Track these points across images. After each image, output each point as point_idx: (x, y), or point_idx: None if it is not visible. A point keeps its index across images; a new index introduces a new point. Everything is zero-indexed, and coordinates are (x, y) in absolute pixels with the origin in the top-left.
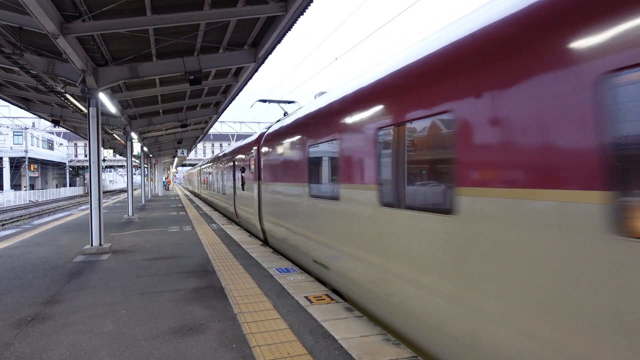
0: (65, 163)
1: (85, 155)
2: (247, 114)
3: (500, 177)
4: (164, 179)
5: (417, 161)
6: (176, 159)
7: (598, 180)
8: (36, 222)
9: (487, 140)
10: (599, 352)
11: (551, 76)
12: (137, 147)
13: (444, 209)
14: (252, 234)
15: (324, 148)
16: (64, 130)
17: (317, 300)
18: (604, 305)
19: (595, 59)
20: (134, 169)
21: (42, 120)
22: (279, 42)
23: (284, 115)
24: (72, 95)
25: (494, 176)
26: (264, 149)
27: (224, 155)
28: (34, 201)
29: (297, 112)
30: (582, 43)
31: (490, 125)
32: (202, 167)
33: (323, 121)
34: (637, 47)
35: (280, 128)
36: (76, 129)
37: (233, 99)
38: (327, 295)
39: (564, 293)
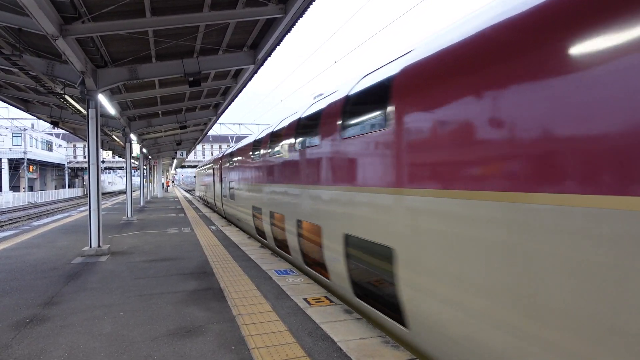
0: (64, 164)
1: (84, 157)
2: (246, 115)
3: None
4: (162, 181)
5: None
6: (175, 161)
7: None
8: (35, 223)
9: None
10: None
11: None
12: (136, 149)
13: None
14: None
15: None
16: (63, 131)
17: (316, 302)
18: None
19: None
20: (133, 171)
21: (41, 121)
22: (278, 44)
23: None
24: (71, 97)
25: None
26: None
27: None
28: (33, 202)
29: None
30: None
31: None
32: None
33: None
34: None
35: None
36: (75, 130)
37: (232, 100)
38: (326, 297)
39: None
